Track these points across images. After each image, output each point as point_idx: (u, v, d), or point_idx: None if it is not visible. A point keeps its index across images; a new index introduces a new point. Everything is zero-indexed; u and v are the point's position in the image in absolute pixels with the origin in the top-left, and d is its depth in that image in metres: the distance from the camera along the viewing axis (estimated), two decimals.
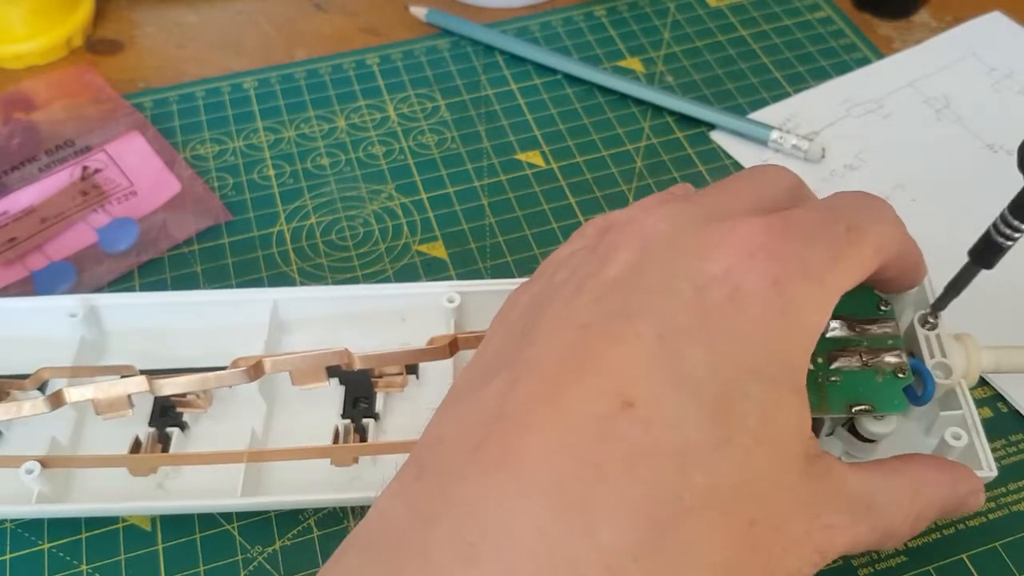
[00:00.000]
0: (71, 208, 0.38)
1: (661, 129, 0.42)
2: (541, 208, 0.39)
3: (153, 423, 0.31)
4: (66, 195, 0.39)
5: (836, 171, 0.40)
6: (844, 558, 0.29)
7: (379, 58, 0.46)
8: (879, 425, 0.28)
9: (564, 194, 0.40)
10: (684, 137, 0.42)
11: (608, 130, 0.42)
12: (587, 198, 0.40)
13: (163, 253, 0.38)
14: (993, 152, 0.40)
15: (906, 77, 0.44)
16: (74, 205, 0.39)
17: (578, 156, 0.41)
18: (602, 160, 0.41)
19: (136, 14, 0.49)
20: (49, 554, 0.29)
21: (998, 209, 0.26)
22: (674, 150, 0.41)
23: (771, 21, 0.48)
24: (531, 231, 0.38)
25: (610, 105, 0.44)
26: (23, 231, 0.38)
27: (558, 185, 0.40)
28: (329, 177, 0.41)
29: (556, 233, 0.38)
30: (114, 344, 0.34)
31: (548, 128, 0.43)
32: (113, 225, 0.38)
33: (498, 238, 0.38)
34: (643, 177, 0.40)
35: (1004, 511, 0.30)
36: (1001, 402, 0.33)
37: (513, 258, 0.37)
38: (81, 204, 0.39)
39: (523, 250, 0.38)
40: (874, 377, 0.28)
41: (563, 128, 0.43)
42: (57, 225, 0.38)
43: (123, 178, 0.40)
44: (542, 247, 0.38)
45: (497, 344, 0.21)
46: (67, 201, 0.39)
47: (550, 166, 0.41)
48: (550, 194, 0.40)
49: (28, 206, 0.38)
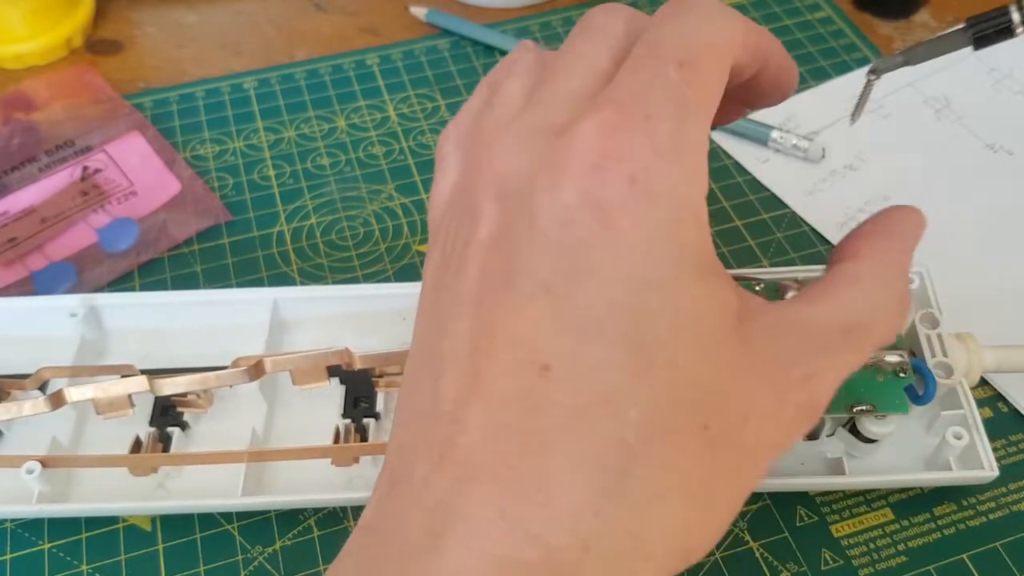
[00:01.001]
0: (71, 208, 0.38)
1: None
2: None
3: (154, 423, 0.31)
4: (66, 195, 0.39)
5: (837, 171, 0.40)
6: (845, 559, 0.29)
7: (379, 58, 0.46)
8: (880, 425, 0.28)
9: None
10: None
11: None
12: None
13: (163, 253, 0.38)
14: (993, 152, 0.40)
15: (906, 77, 0.44)
16: (74, 205, 0.39)
17: None
18: None
19: (136, 14, 0.49)
20: (49, 554, 0.29)
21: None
22: None
23: (771, 21, 0.48)
24: None
25: None
26: (23, 231, 0.38)
27: None
28: (329, 177, 0.41)
29: None
30: (114, 344, 0.34)
31: None
32: (113, 225, 0.38)
33: None
34: None
35: (1004, 511, 0.30)
36: (1001, 402, 0.33)
37: None
38: (81, 204, 0.39)
39: None
40: (875, 377, 0.28)
41: None
42: (57, 225, 0.38)
43: (123, 178, 0.40)
44: None
45: (420, 332, 0.21)
46: (67, 201, 0.39)
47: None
48: None
49: (28, 206, 0.38)
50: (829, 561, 0.29)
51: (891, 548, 0.29)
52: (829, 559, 0.29)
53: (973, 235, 0.37)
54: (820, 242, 0.37)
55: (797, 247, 0.37)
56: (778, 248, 0.37)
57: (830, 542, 0.29)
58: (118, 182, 0.40)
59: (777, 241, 0.38)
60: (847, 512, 0.30)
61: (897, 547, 0.29)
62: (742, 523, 0.30)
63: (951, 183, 0.39)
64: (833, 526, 0.30)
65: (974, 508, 0.30)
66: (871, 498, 0.30)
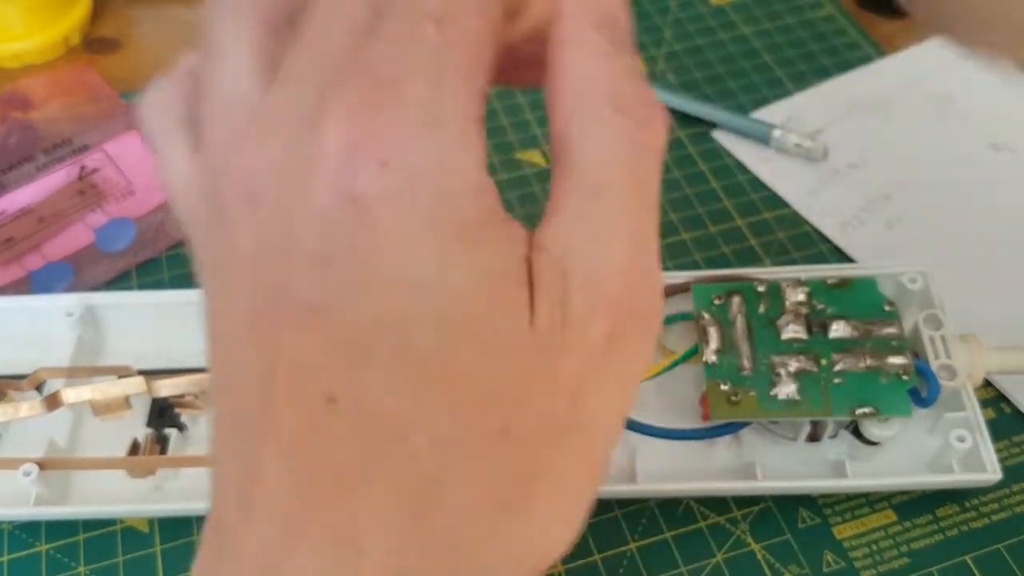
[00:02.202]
0: (68, 207, 0.38)
1: None
2: (541, 207, 0.39)
3: (151, 424, 0.31)
4: (63, 194, 0.39)
5: (839, 170, 0.40)
6: (847, 560, 0.29)
7: None
8: (883, 428, 0.28)
9: None
10: (686, 136, 0.42)
11: None
12: None
13: (161, 252, 0.38)
14: (996, 150, 0.40)
15: (908, 75, 0.44)
16: (72, 204, 0.38)
17: None
18: None
19: (134, 12, 0.49)
20: (47, 556, 0.29)
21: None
22: (676, 149, 0.41)
23: (773, 19, 0.47)
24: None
25: None
26: (20, 231, 0.37)
27: None
28: None
29: None
30: (111, 344, 0.33)
31: (548, 127, 0.42)
32: (111, 224, 0.38)
33: None
34: None
35: (1007, 512, 0.30)
36: (1004, 403, 0.32)
37: None
38: (79, 203, 0.38)
39: None
40: (878, 379, 0.28)
41: None
42: (55, 225, 0.38)
43: (121, 177, 0.40)
44: None
45: (211, 357, 0.19)
46: (64, 200, 0.38)
47: (550, 165, 0.41)
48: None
49: (25, 206, 0.38)
50: (831, 563, 0.29)
51: (894, 550, 0.29)
52: (831, 561, 0.29)
53: (976, 234, 0.37)
54: (822, 241, 0.37)
55: (799, 246, 0.37)
56: (780, 247, 0.37)
57: (832, 544, 0.29)
58: (116, 181, 0.39)
59: (779, 240, 0.37)
60: (849, 514, 0.30)
61: (900, 549, 0.29)
62: (744, 525, 0.30)
63: (954, 182, 0.39)
64: (835, 528, 0.30)
65: (977, 510, 0.30)
66: (873, 499, 0.30)
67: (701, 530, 0.30)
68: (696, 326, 0.30)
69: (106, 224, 0.38)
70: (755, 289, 0.30)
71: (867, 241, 0.37)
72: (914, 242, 0.37)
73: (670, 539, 0.29)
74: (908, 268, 0.32)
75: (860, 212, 0.38)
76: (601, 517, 0.30)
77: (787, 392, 0.28)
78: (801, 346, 0.29)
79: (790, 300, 0.30)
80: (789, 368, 0.28)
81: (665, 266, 0.37)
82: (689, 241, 0.37)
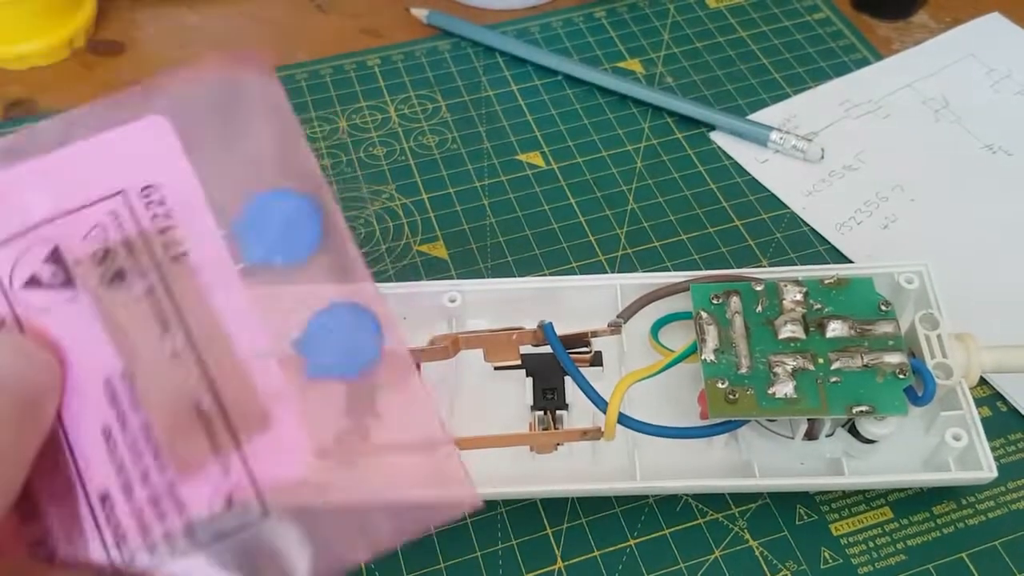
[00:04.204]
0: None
1: (661, 130, 0.42)
2: (542, 208, 0.39)
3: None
4: None
5: (836, 171, 0.40)
6: (844, 557, 0.29)
7: (380, 59, 0.46)
8: (879, 426, 0.28)
9: (564, 195, 0.40)
10: (684, 138, 0.42)
11: (608, 131, 0.43)
12: (587, 198, 0.40)
13: None
14: (992, 153, 0.40)
15: (905, 78, 0.44)
16: None
17: (578, 157, 0.41)
18: (602, 161, 0.41)
19: (138, 15, 0.49)
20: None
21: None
22: (674, 151, 0.42)
23: (770, 22, 0.48)
24: (531, 231, 0.38)
25: (610, 106, 0.44)
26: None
27: (558, 186, 0.40)
28: (331, 178, 0.41)
29: (556, 233, 0.38)
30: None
31: (548, 129, 0.43)
32: None
33: (499, 238, 0.38)
34: (643, 178, 0.40)
35: (1004, 510, 0.30)
36: (1000, 401, 0.33)
37: (514, 258, 0.38)
38: None
39: (524, 250, 0.38)
40: (874, 378, 0.28)
41: (563, 129, 0.43)
42: None
43: None
44: (543, 247, 0.38)
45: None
46: None
47: (550, 167, 0.41)
48: (550, 195, 0.40)
49: None
50: (829, 560, 0.29)
51: (891, 547, 0.29)
52: (828, 558, 0.29)
53: (972, 235, 0.37)
54: (819, 242, 0.38)
55: (796, 247, 0.37)
56: (778, 248, 0.37)
57: (830, 541, 0.29)
58: None
59: (776, 241, 0.38)
60: (847, 511, 0.30)
61: (896, 546, 0.29)
62: (742, 522, 0.30)
63: (950, 184, 0.39)
64: (833, 525, 0.30)
65: (973, 507, 0.30)
66: (870, 497, 0.30)
67: (699, 527, 0.30)
68: (694, 325, 0.30)
69: None
70: (753, 289, 0.30)
71: (864, 242, 0.37)
72: (910, 242, 0.37)
73: (668, 536, 0.30)
74: (904, 268, 0.32)
75: (857, 213, 0.39)
76: (600, 514, 0.30)
77: (784, 391, 0.28)
78: (798, 345, 0.29)
79: (787, 300, 0.30)
80: (786, 367, 0.28)
81: (664, 266, 0.37)
82: (688, 241, 0.38)
